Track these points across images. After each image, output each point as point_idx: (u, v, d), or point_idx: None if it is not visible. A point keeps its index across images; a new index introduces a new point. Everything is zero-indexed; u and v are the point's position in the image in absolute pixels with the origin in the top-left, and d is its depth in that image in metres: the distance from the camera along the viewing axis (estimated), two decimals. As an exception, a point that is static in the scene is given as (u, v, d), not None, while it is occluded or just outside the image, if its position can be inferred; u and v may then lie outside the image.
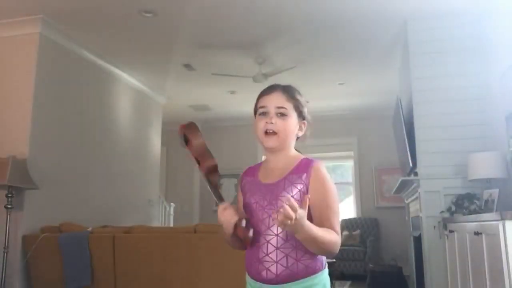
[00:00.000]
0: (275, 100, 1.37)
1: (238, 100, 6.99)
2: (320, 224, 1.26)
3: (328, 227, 1.27)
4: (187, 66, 5.55)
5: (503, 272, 2.16)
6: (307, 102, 1.45)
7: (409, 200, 4.75)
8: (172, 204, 7.35)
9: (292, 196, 1.28)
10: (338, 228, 1.30)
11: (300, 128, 1.41)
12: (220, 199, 1.35)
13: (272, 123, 1.35)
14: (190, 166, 8.32)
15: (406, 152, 4.17)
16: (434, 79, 4.09)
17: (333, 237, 1.26)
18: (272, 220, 1.30)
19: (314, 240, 1.22)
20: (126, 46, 4.99)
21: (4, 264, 3.75)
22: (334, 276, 5.17)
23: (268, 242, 1.31)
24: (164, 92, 6.62)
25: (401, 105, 4.47)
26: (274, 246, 1.30)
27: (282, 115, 1.36)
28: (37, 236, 3.86)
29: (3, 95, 4.25)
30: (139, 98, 6.14)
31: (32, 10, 4.09)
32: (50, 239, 3.79)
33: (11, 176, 3.69)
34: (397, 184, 4.58)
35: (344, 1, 3.97)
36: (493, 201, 3.28)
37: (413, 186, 4.15)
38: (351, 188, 7.90)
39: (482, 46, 4.02)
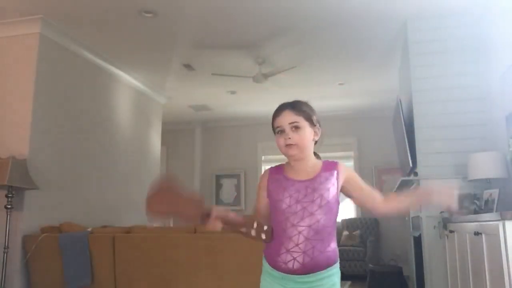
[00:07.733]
0: (287, 118, 1.56)
1: (238, 100, 6.99)
2: (370, 195, 1.59)
3: (374, 195, 1.59)
4: (187, 66, 5.55)
5: (503, 272, 2.16)
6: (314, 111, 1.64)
7: (409, 200, 4.74)
8: (172, 204, 7.33)
9: (328, 189, 1.51)
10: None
11: (316, 134, 1.61)
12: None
13: (289, 138, 1.54)
14: (190, 166, 8.33)
15: (406, 152, 4.16)
16: (434, 79, 4.09)
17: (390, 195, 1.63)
18: (307, 212, 1.48)
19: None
20: (126, 46, 4.99)
21: (4, 264, 3.76)
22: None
23: (300, 233, 1.46)
24: (164, 92, 6.62)
25: (401, 105, 4.47)
26: (305, 237, 1.46)
27: (296, 128, 1.55)
28: (37, 236, 3.86)
29: (3, 95, 4.25)
30: (139, 98, 6.14)
31: (32, 10, 4.10)
32: (50, 239, 3.79)
33: (11, 176, 3.69)
34: (397, 184, 4.58)
35: (344, 1, 3.97)
36: (493, 201, 3.28)
37: (413, 186, 4.15)
38: (351, 188, 7.88)
39: (482, 46, 4.01)
